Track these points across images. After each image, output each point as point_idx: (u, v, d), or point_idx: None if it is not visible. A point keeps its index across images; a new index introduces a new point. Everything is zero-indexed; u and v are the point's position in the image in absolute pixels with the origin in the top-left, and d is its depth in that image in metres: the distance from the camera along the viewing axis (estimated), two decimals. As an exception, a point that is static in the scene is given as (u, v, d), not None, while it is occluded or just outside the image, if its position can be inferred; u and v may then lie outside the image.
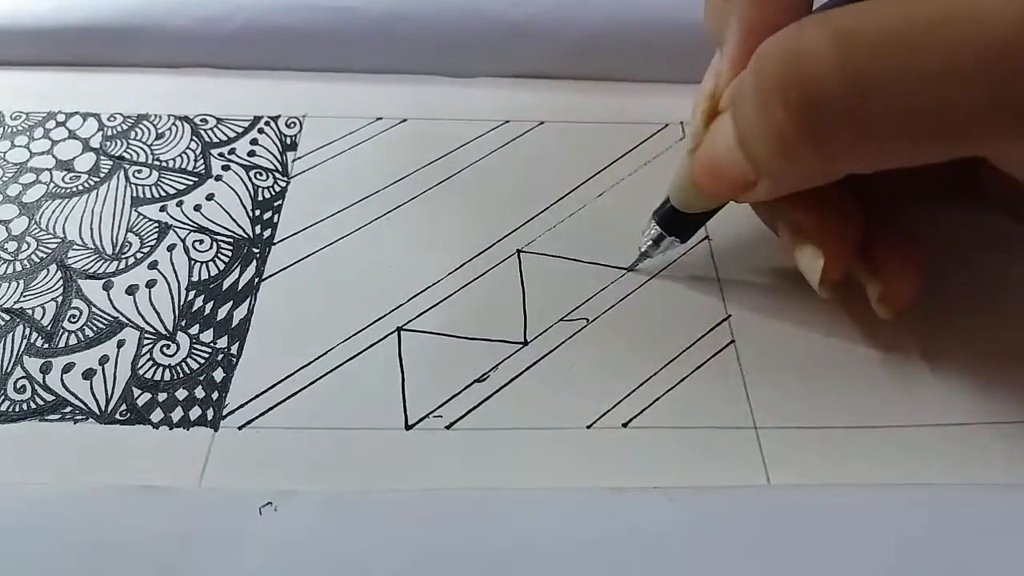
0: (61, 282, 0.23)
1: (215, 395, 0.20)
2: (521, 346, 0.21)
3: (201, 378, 0.20)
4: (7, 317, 0.22)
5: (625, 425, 0.20)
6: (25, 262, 0.23)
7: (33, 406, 0.20)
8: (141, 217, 0.24)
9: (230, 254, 0.23)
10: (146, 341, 0.21)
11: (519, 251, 0.24)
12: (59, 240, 0.24)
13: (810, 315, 0.22)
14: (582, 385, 0.20)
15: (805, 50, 0.15)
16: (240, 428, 0.20)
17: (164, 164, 0.26)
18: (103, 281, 0.23)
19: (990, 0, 0.14)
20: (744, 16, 0.18)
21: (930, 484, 0.18)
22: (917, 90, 0.14)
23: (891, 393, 0.20)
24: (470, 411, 0.20)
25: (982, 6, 0.14)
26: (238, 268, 0.23)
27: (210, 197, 0.25)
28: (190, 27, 0.29)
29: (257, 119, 0.28)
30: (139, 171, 0.26)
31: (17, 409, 0.20)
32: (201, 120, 0.27)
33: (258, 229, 0.24)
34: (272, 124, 0.27)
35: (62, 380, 0.20)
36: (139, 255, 0.23)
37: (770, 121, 0.16)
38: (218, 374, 0.21)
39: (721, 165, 0.18)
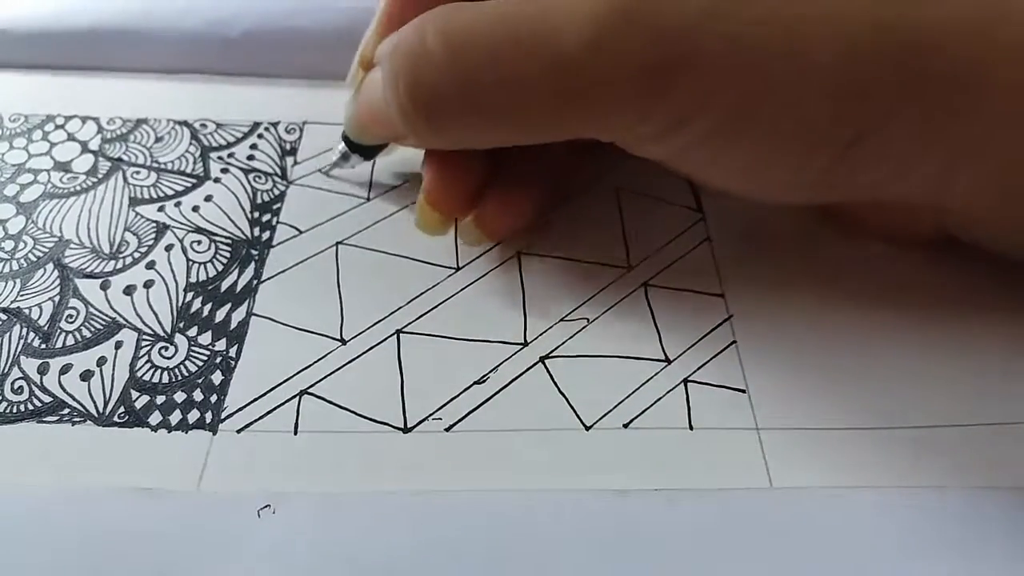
0: (58, 281, 0.22)
1: (213, 398, 0.20)
2: (521, 347, 0.21)
3: (199, 381, 0.20)
4: (4, 316, 0.22)
5: (626, 426, 0.20)
6: (22, 261, 0.23)
7: (31, 407, 0.20)
8: (139, 217, 0.24)
9: (228, 256, 0.23)
10: (144, 343, 0.21)
11: (519, 253, 0.24)
12: (56, 239, 0.24)
13: (813, 316, 0.22)
14: (582, 386, 0.20)
15: (423, 55, 0.18)
16: (238, 431, 0.19)
17: (163, 166, 0.26)
18: (100, 280, 0.23)
19: (566, 19, 0.17)
20: None
21: (933, 487, 0.18)
22: (507, 94, 0.18)
23: (894, 395, 0.20)
24: (470, 413, 0.20)
25: (561, 25, 0.17)
26: (236, 270, 0.23)
27: (208, 198, 0.25)
28: (192, 33, 0.29)
29: (257, 124, 0.28)
30: (137, 172, 0.26)
31: (15, 410, 0.20)
32: (200, 125, 0.27)
33: (257, 231, 0.24)
34: (272, 130, 0.27)
35: (60, 381, 0.20)
36: (136, 255, 0.23)
37: (400, 105, 0.19)
38: (216, 377, 0.20)
39: (379, 113, 0.21)
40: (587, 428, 0.20)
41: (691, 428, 0.19)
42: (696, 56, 0.16)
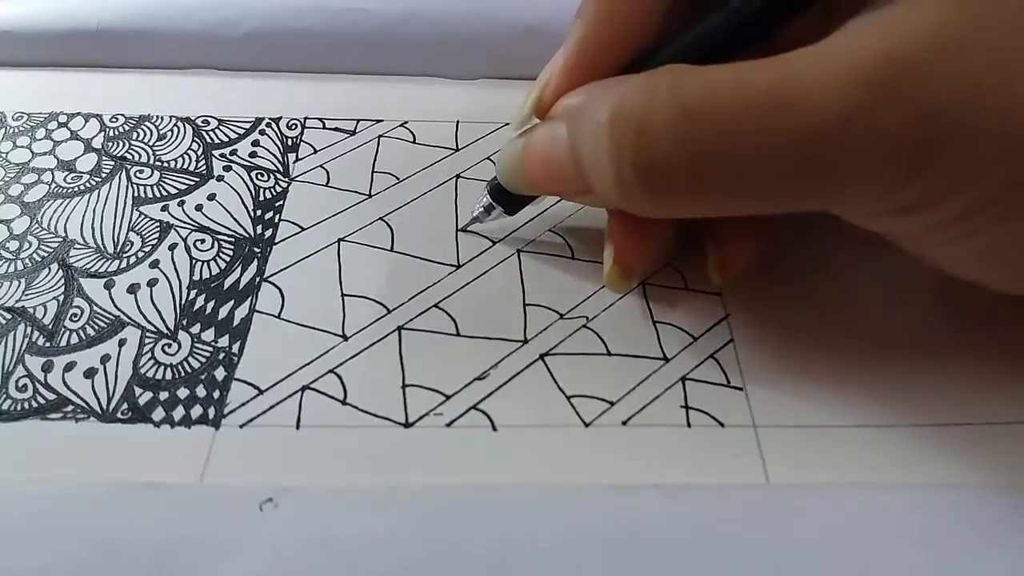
0: (62, 281, 0.23)
1: (216, 394, 0.20)
2: (521, 344, 0.21)
3: (202, 377, 0.21)
4: (9, 316, 0.22)
5: (624, 423, 0.20)
6: (27, 261, 0.23)
7: (35, 405, 0.20)
8: (143, 216, 0.24)
9: (231, 253, 0.24)
10: (147, 340, 0.21)
11: (519, 251, 0.24)
12: (61, 239, 0.24)
13: (809, 313, 0.22)
14: (581, 383, 0.20)
15: (654, 124, 0.17)
16: (241, 426, 0.20)
17: (165, 164, 0.26)
18: (105, 280, 0.23)
19: (815, 89, 0.15)
20: (584, 32, 0.19)
21: (930, 484, 0.18)
22: (746, 166, 0.16)
23: (891, 392, 0.20)
24: (470, 409, 0.20)
25: (807, 95, 0.15)
26: (239, 267, 0.23)
27: (211, 197, 0.25)
28: (197, 32, 0.29)
29: (259, 121, 0.28)
30: (140, 171, 0.26)
31: (19, 408, 0.20)
32: (203, 121, 0.28)
33: (259, 229, 0.24)
34: (273, 126, 0.28)
35: (63, 379, 0.20)
36: (140, 254, 0.23)
37: (617, 174, 0.17)
38: (219, 373, 0.21)
39: (557, 169, 0.19)
40: (586, 425, 0.20)
41: (689, 425, 0.20)
42: (960, 133, 0.15)
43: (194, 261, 0.23)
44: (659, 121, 0.17)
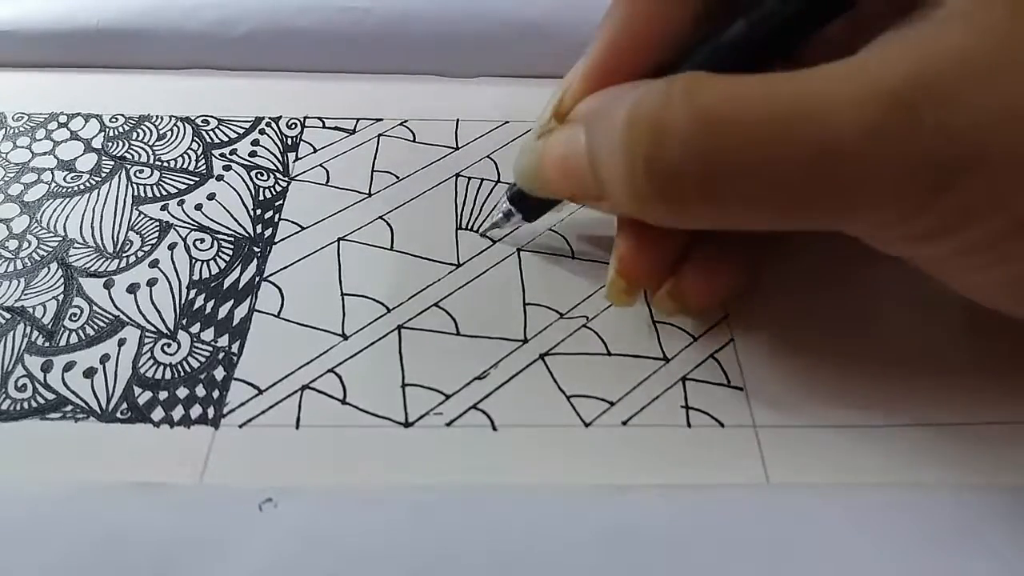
0: (62, 280, 0.23)
1: (216, 393, 0.20)
2: (521, 344, 0.21)
3: (202, 376, 0.21)
4: (8, 315, 0.22)
5: (625, 423, 0.20)
6: (26, 260, 0.23)
7: (34, 405, 0.20)
8: (142, 216, 0.24)
9: (231, 253, 0.23)
10: (147, 340, 0.21)
11: (519, 249, 0.24)
12: (60, 238, 0.24)
13: (809, 313, 0.22)
14: (581, 383, 0.20)
15: (669, 127, 0.16)
16: (241, 426, 0.20)
17: (165, 164, 0.26)
18: (104, 279, 0.23)
19: (838, 105, 0.15)
20: (607, 37, 0.19)
21: (930, 484, 0.18)
22: (761, 176, 0.16)
23: (891, 392, 0.20)
24: (470, 408, 0.20)
25: (830, 110, 0.15)
26: (239, 267, 0.23)
27: (211, 196, 0.25)
28: (197, 32, 0.29)
29: (258, 120, 0.28)
30: (140, 171, 0.26)
31: (18, 408, 0.20)
32: (202, 121, 0.28)
33: (259, 228, 0.24)
34: (273, 125, 0.28)
35: (63, 379, 0.20)
36: (140, 253, 0.23)
37: (630, 177, 0.17)
38: (219, 372, 0.21)
39: (574, 172, 0.19)
40: (586, 425, 0.20)
41: (689, 426, 0.20)
42: (983, 158, 0.15)
43: (194, 261, 0.23)
44: (675, 124, 0.16)
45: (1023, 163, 0.15)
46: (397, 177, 0.26)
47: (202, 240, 0.24)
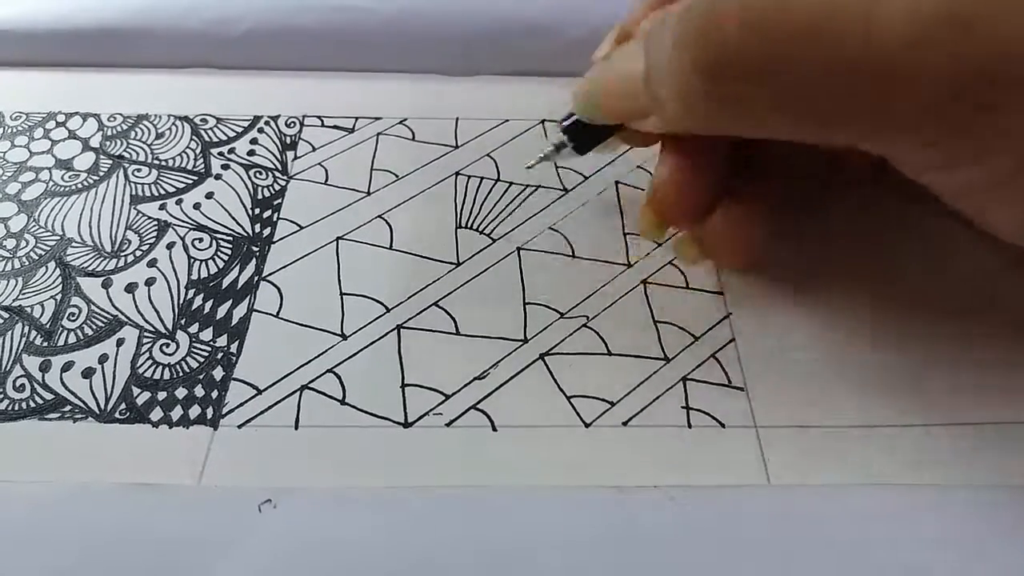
0: (60, 279, 0.23)
1: (215, 394, 0.20)
2: (521, 344, 0.21)
3: (201, 377, 0.20)
4: (6, 315, 0.22)
5: (625, 424, 0.20)
6: (24, 259, 0.23)
7: (32, 405, 0.20)
8: (140, 215, 0.24)
9: (230, 252, 0.23)
10: (145, 340, 0.21)
11: (519, 248, 0.24)
12: (58, 237, 0.24)
13: (811, 314, 0.22)
14: (582, 383, 0.20)
15: (720, 24, 0.16)
16: (239, 426, 0.20)
17: (164, 163, 0.26)
18: (102, 279, 0.23)
19: (892, 13, 0.15)
20: None
21: (932, 485, 0.18)
22: (806, 78, 0.16)
23: (891, 393, 0.20)
24: (470, 409, 0.20)
25: (883, 16, 0.15)
26: (238, 266, 0.23)
27: (210, 196, 0.25)
28: (195, 30, 0.29)
29: (257, 119, 0.28)
30: (138, 170, 0.26)
31: (16, 408, 0.20)
32: (201, 120, 0.27)
33: (258, 228, 0.24)
34: (272, 124, 0.27)
35: (61, 379, 0.20)
36: (138, 253, 0.23)
37: (678, 74, 0.17)
38: (217, 373, 0.21)
39: (629, 84, 0.19)
40: (586, 425, 0.20)
41: (690, 426, 0.20)
42: None
43: (192, 260, 0.23)
44: (726, 21, 0.16)
45: None
46: (396, 176, 0.26)
47: (201, 239, 0.24)
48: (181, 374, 0.20)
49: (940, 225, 0.23)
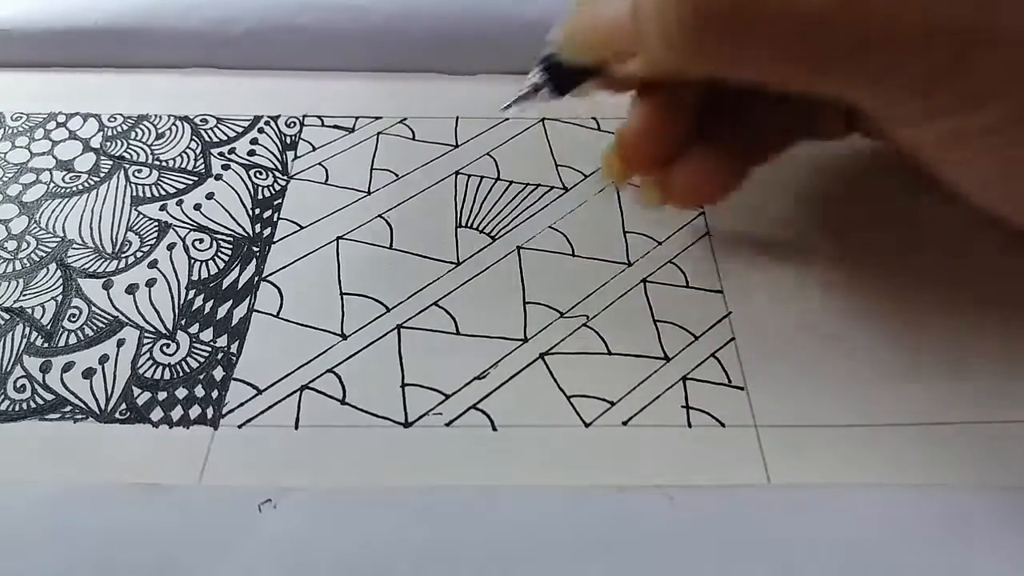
0: (61, 281, 0.23)
1: (215, 394, 0.20)
2: (521, 343, 0.21)
3: (201, 377, 0.20)
4: (7, 316, 0.22)
5: (625, 423, 0.20)
6: (25, 261, 0.23)
7: (33, 405, 0.20)
8: (141, 216, 0.24)
9: (230, 253, 0.23)
10: (146, 340, 0.21)
11: (519, 248, 0.24)
12: (59, 239, 0.24)
13: (811, 313, 0.22)
14: (582, 382, 0.20)
15: None
16: (240, 426, 0.20)
17: (164, 164, 0.26)
18: (103, 280, 0.23)
19: None
20: None
21: (932, 484, 0.18)
22: (788, 23, 0.16)
23: (891, 392, 0.20)
24: (470, 408, 0.20)
25: None
26: (238, 267, 0.23)
27: (210, 196, 0.25)
28: (195, 30, 0.29)
29: (257, 119, 0.28)
30: (139, 170, 0.26)
31: (17, 408, 0.20)
32: (201, 120, 0.27)
33: (258, 228, 0.24)
34: (272, 124, 0.27)
35: (62, 379, 0.20)
36: (139, 254, 0.23)
37: (663, 14, 0.17)
38: (218, 373, 0.21)
39: (611, 26, 0.19)
40: (586, 425, 0.20)
41: (690, 425, 0.20)
42: (1004, 34, 0.15)
43: (192, 261, 0.23)
44: None
45: None
46: (396, 175, 0.26)
47: (201, 240, 0.24)
48: (181, 374, 0.21)
49: (947, 223, 0.23)
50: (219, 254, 0.23)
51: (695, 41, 0.17)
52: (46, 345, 0.21)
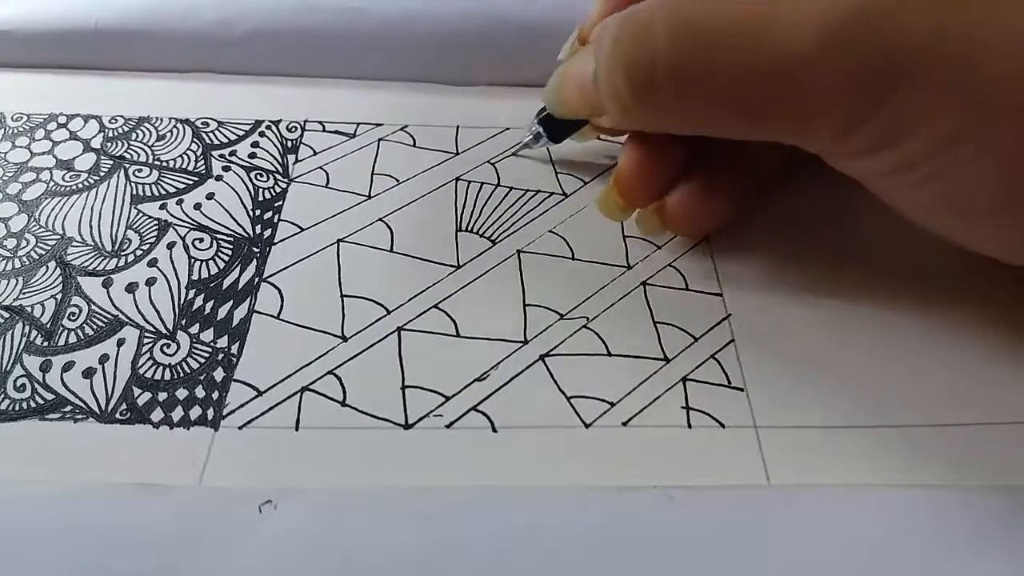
0: (60, 279, 0.23)
1: (215, 394, 0.20)
2: (521, 345, 0.21)
3: (201, 377, 0.20)
4: (6, 314, 0.22)
5: (625, 424, 0.20)
6: (24, 259, 0.23)
7: (33, 405, 0.20)
8: (141, 215, 0.24)
9: (230, 253, 0.23)
10: (146, 340, 0.21)
11: (519, 251, 0.24)
12: (58, 237, 0.24)
13: (810, 314, 0.22)
14: (582, 384, 0.20)
15: (649, 33, 0.18)
16: (240, 427, 0.19)
17: (164, 164, 0.26)
18: (103, 278, 0.23)
19: (797, 21, 0.17)
20: None
21: (932, 485, 0.18)
22: (728, 81, 0.18)
23: (891, 393, 0.20)
24: (470, 410, 0.20)
25: (789, 24, 0.17)
26: (238, 267, 0.23)
27: (210, 196, 0.25)
28: (197, 33, 0.29)
29: (258, 123, 0.28)
30: (139, 170, 0.26)
31: (17, 408, 0.20)
32: (202, 123, 0.28)
33: (258, 229, 0.24)
34: (273, 128, 0.28)
35: (62, 379, 0.20)
36: (139, 252, 0.23)
37: (613, 82, 0.19)
38: (218, 373, 0.21)
39: (585, 87, 0.21)
40: (586, 426, 0.20)
41: (689, 426, 0.20)
42: (914, 73, 0.16)
43: (193, 260, 0.23)
44: (655, 30, 0.18)
45: (942, 82, 0.16)
46: (397, 180, 0.26)
47: (201, 240, 0.24)
48: (182, 375, 0.20)
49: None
50: (219, 254, 0.23)
51: (643, 107, 0.19)
52: (46, 344, 0.21)
